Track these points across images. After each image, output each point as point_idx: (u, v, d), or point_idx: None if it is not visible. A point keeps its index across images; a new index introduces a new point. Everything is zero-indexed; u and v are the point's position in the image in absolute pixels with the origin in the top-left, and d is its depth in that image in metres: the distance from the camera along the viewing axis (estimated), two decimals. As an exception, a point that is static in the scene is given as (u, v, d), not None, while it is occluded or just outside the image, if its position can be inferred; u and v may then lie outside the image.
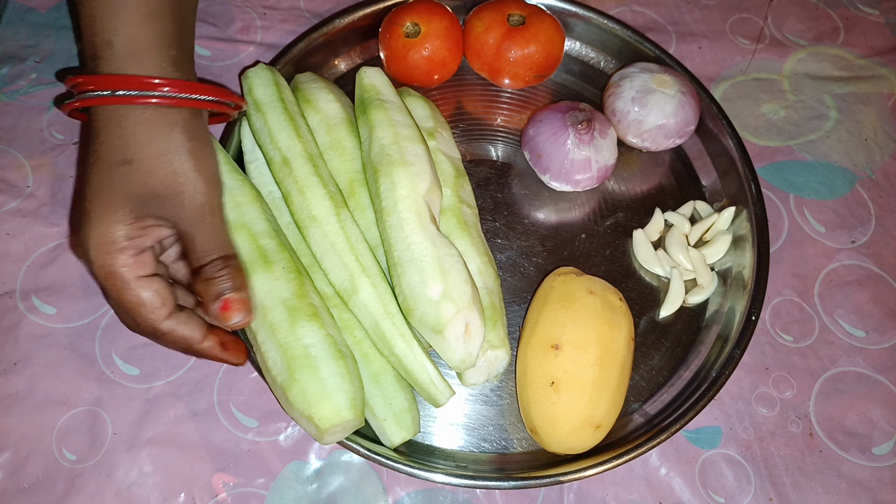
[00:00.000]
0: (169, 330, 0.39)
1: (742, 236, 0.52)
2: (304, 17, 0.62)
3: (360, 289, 0.42)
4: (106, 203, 0.38)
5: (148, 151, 0.38)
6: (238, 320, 0.39)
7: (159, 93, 0.38)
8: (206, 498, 0.44)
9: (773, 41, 0.65)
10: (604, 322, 0.44)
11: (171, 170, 0.38)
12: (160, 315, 0.38)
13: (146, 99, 0.38)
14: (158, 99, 0.38)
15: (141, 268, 0.38)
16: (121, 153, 0.38)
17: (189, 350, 0.40)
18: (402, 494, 0.45)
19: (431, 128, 0.50)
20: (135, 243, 0.38)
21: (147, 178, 0.38)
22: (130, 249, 0.38)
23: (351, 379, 0.39)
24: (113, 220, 0.37)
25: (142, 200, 0.38)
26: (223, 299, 0.38)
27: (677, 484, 0.46)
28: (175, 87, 0.39)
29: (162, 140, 0.38)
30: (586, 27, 0.59)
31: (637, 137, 0.54)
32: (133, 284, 0.38)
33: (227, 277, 0.39)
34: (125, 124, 0.38)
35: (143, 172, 0.38)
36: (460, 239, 0.46)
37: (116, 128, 0.38)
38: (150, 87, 0.38)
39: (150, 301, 0.38)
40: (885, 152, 0.60)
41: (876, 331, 0.52)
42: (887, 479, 0.47)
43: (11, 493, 0.43)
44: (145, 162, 0.38)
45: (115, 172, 0.38)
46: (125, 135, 0.38)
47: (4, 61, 0.57)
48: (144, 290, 0.38)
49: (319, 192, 0.43)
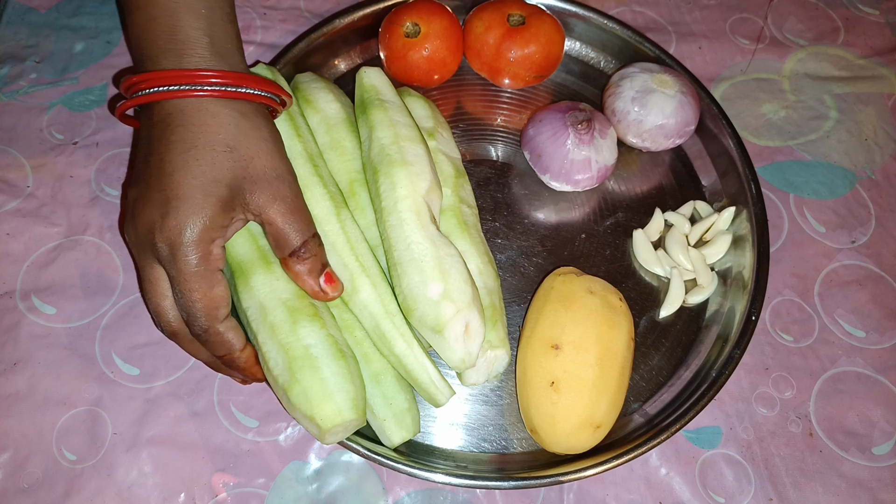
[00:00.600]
0: (223, 331, 0.39)
1: (742, 236, 0.52)
2: (304, 17, 0.62)
3: (360, 289, 0.42)
4: (206, 187, 0.38)
5: (251, 139, 0.39)
6: (339, 291, 0.41)
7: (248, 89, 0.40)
8: (206, 498, 0.44)
9: (773, 41, 0.65)
10: (604, 322, 0.44)
11: (269, 155, 0.40)
12: (223, 314, 0.39)
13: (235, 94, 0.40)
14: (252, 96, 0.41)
15: (222, 261, 0.39)
16: (225, 140, 0.39)
17: (228, 357, 0.40)
18: (402, 494, 0.45)
19: (431, 128, 0.50)
20: (225, 232, 0.39)
21: (249, 164, 0.39)
22: (220, 239, 0.38)
23: (352, 379, 0.39)
24: (210, 204, 0.37)
25: (240, 187, 0.39)
26: (325, 272, 0.41)
27: (677, 484, 0.46)
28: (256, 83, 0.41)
29: (262, 129, 0.40)
30: (586, 27, 0.59)
31: (637, 137, 0.54)
32: (216, 276, 0.38)
33: (322, 253, 0.41)
34: (225, 113, 0.39)
35: (247, 159, 0.39)
36: (460, 239, 0.46)
37: (214, 118, 0.39)
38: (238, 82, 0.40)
39: (219, 297, 0.38)
40: (885, 152, 0.60)
41: (876, 331, 0.52)
42: (887, 479, 0.47)
43: (11, 493, 0.43)
44: (249, 148, 0.39)
45: (218, 158, 0.38)
46: (227, 123, 0.39)
47: (4, 61, 0.57)
48: (219, 285, 0.38)
49: (319, 191, 0.44)
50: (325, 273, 0.41)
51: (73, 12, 0.60)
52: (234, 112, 0.39)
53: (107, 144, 0.55)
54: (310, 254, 0.40)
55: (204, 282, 0.38)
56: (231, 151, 0.39)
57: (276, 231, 0.40)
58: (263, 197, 0.39)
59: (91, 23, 0.60)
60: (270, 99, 0.42)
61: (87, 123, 0.55)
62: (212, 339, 0.39)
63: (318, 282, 0.40)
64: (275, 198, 0.39)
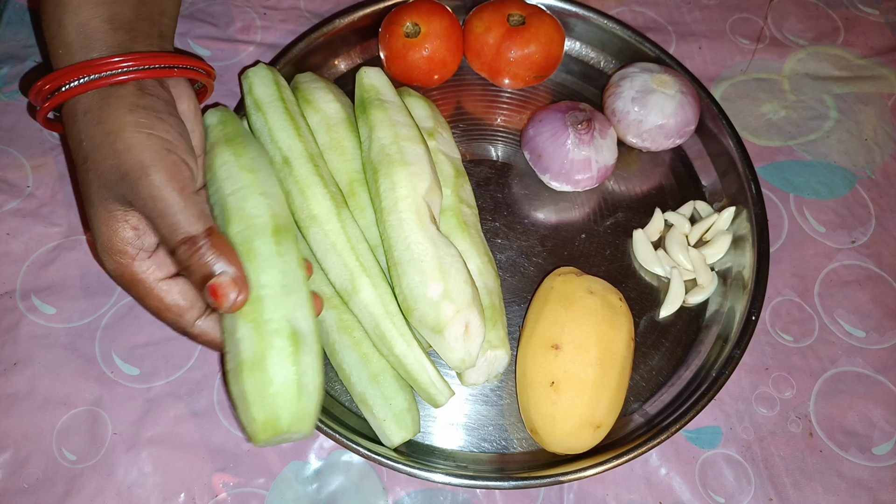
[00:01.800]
0: (200, 332, 0.38)
1: (742, 236, 0.52)
2: (304, 17, 0.62)
3: (360, 288, 0.42)
4: (90, 212, 0.36)
5: (94, 139, 0.35)
6: (230, 303, 0.34)
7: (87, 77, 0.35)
8: (206, 498, 0.44)
9: (773, 41, 0.65)
10: (604, 322, 0.44)
11: (113, 152, 0.34)
12: (190, 318, 0.37)
13: (81, 86, 0.35)
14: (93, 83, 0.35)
15: (159, 269, 0.37)
16: (79, 151, 0.36)
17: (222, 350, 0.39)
18: (402, 494, 0.45)
19: (431, 128, 0.50)
20: (137, 244, 0.36)
21: (98, 169, 0.35)
22: (141, 252, 0.36)
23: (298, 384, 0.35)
24: (109, 225, 0.36)
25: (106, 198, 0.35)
26: (209, 286, 0.34)
27: (677, 484, 0.46)
28: (106, 66, 0.35)
29: (105, 122, 0.35)
30: (586, 27, 0.59)
31: (637, 137, 0.54)
32: (155, 290, 0.36)
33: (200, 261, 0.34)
34: (75, 119, 0.36)
35: (96, 162, 0.35)
36: (460, 239, 0.46)
37: (73, 127, 0.36)
38: (78, 73, 0.35)
39: (175, 305, 0.37)
40: (885, 152, 0.60)
41: (876, 331, 0.52)
42: (887, 479, 0.47)
43: (11, 493, 0.43)
44: (96, 151, 0.35)
45: (84, 175, 0.36)
46: (79, 131, 0.36)
47: (4, 61, 0.57)
48: (168, 295, 0.37)
49: (320, 191, 0.43)
50: (208, 287, 0.34)
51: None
52: (80, 113, 0.35)
53: (107, 144, 0.55)
54: (183, 264, 0.35)
55: (148, 297, 0.37)
56: (84, 162, 0.35)
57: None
58: (125, 197, 0.35)
59: (91, 23, 0.60)
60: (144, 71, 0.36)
61: (87, 123, 0.55)
62: (195, 340, 0.39)
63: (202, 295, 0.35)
64: (134, 197, 0.35)
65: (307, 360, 0.36)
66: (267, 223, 0.39)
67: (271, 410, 0.34)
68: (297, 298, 0.37)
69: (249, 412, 0.34)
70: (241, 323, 0.35)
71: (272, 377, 0.34)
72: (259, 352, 0.35)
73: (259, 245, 0.37)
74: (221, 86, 0.57)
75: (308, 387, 0.35)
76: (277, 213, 0.40)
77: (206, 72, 0.40)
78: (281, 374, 0.34)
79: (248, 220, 0.38)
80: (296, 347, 0.35)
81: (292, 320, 0.36)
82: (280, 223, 0.39)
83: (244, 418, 0.35)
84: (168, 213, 0.34)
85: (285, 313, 0.36)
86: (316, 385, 0.36)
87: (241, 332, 0.35)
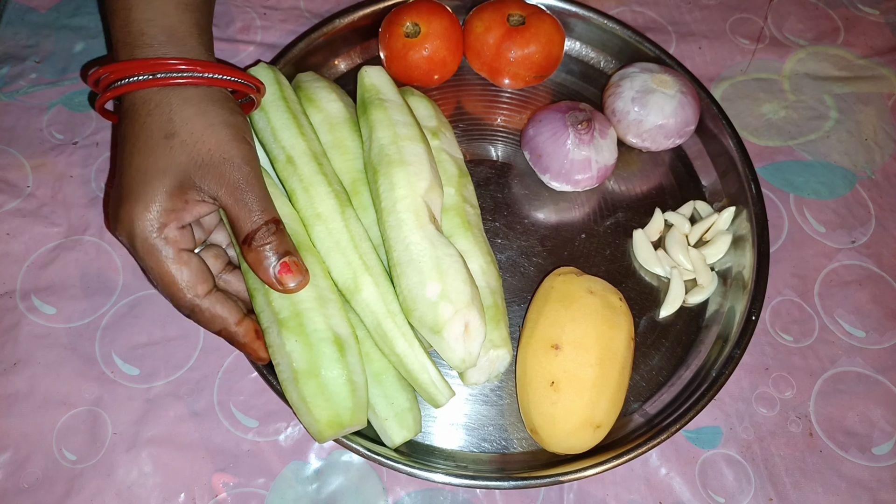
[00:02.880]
0: (207, 307, 0.39)
1: (742, 236, 0.52)
2: (304, 17, 0.62)
3: (362, 287, 0.42)
4: (148, 178, 0.38)
5: (194, 124, 0.39)
6: (298, 282, 0.39)
7: (199, 74, 0.40)
8: (206, 498, 0.44)
9: (773, 41, 0.65)
10: (604, 322, 0.44)
11: (216, 139, 0.39)
12: (200, 291, 0.39)
13: (187, 80, 0.39)
14: (198, 80, 0.40)
15: (182, 243, 0.39)
16: (164, 128, 0.39)
17: (225, 332, 0.41)
18: (402, 494, 0.45)
19: (435, 127, 0.50)
20: (176, 216, 0.39)
21: (192, 150, 0.38)
22: (173, 223, 0.38)
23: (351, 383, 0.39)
24: (155, 193, 0.38)
25: (187, 173, 0.38)
26: (282, 262, 0.39)
27: (677, 484, 0.46)
28: (213, 69, 0.40)
29: (208, 114, 0.39)
30: (586, 27, 0.59)
31: (637, 137, 0.54)
32: (175, 258, 0.38)
33: (280, 241, 0.39)
34: (167, 102, 0.39)
35: (189, 144, 0.38)
36: (463, 238, 0.46)
37: (158, 107, 0.39)
38: (191, 68, 0.39)
39: (189, 277, 0.39)
40: (885, 152, 0.60)
41: (876, 331, 0.52)
42: (887, 479, 0.47)
43: (11, 493, 0.43)
44: (192, 134, 0.39)
45: (158, 146, 0.39)
46: (169, 111, 0.39)
47: (4, 61, 0.57)
48: (185, 266, 0.39)
49: (324, 189, 0.43)
50: (281, 262, 0.39)
51: (73, 12, 0.60)
52: (177, 99, 0.39)
53: (107, 144, 0.55)
54: (262, 242, 0.39)
55: (165, 265, 0.38)
56: (170, 139, 0.39)
57: (230, 217, 0.39)
58: (212, 182, 0.38)
59: (91, 23, 0.60)
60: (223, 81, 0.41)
61: (87, 123, 0.55)
62: (200, 318, 0.40)
63: (270, 272, 0.39)
64: (223, 182, 0.38)
65: (352, 360, 0.40)
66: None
67: (333, 410, 0.38)
68: (332, 306, 0.41)
69: (313, 415, 0.38)
70: (288, 336, 0.39)
71: (327, 381, 0.38)
72: (311, 360, 0.38)
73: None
74: (221, 86, 0.57)
75: (358, 383, 0.39)
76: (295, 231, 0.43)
77: (256, 87, 0.44)
78: (334, 377, 0.38)
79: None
80: (341, 351, 0.39)
81: (333, 327, 0.40)
82: (298, 241, 0.42)
83: (306, 420, 0.39)
84: (262, 196, 0.39)
85: (327, 322, 0.40)
86: (363, 379, 0.40)
87: (290, 345, 0.39)
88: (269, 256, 0.39)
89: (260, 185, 0.40)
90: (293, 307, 0.40)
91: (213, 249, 0.43)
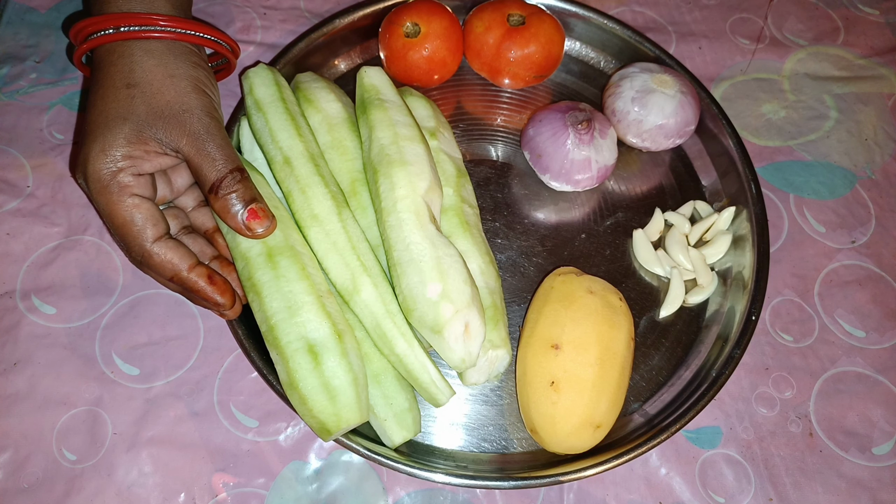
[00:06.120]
0: (157, 252, 0.40)
1: (742, 236, 0.52)
2: (304, 17, 0.62)
3: (361, 288, 0.42)
4: (108, 123, 0.39)
5: (154, 75, 0.40)
6: (266, 227, 0.40)
7: (161, 27, 0.41)
8: (206, 498, 0.44)
9: (773, 41, 0.65)
10: (604, 322, 0.44)
11: (175, 91, 0.40)
12: (150, 235, 0.40)
13: (149, 33, 0.41)
14: (161, 33, 0.41)
15: (137, 188, 0.39)
16: (125, 78, 0.40)
17: (177, 278, 0.40)
18: (402, 494, 0.45)
19: (433, 127, 0.50)
20: (134, 163, 0.39)
21: (152, 100, 0.39)
22: (130, 169, 0.39)
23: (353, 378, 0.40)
24: (113, 137, 0.39)
25: (146, 122, 0.39)
26: (249, 209, 0.40)
27: (677, 484, 0.46)
28: (177, 23, 0.41)
29: (168, 65, 0.41)
30: (586, 27, 0.59)
31: (637, 137, 0.54)
32: (128, 202, 0.39)
33: (246, 188, 0.40)
34: (129, 53, 0.41)
35: (149, 95, 0.40)
36: (462, 238, 0.46)
37: (121, 58, 0.41)
38: (153, 22, 0.41)
39: (140, 220, 0.39)
40: (885, 152, 0.60)
41: (876, 331, 0.52)
42: (887, 479, 0.47)
43: (11, 493, 0.43)
44: (151, 85, 0.40)
45: (119, 95, 0.40)
46: (131, 62, 0.40)
47: (4, 61, 0.57)
48: (137, 209, 0.39)
49: (321, 191, 0.43)
50: (248, 209, 0.40)
51: (73, 12, 0.60)
52: (139, 51, 0.41)
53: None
54: (228, 190, 0.39)
55: (118, 206, 0.39)
56: (130, 88, 0.40)
57: (193, 167, 0.40)
58: (172, 132, 0.39)
59: (91, 23, 0.60)
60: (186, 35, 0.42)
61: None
62: (150, 262, 0.40)
63: (238, 218, 0.40)
64: (183, 133, 0.39)
65: (330, 365, 0.39)
66: (261, 251, 0.41)
67: (316, 419, 0.39)
68: (306, 310, 0.40)
69: (306, 421, 0.40)
70: (272, 350, 0.41)
71: (305, 394, 0.39)
72: (289, 373, 0.39)
73: (260, 276, 0.41)
74: (222, 86, 0.57)
75: (338, 387, 0.39)
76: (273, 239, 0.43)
77: (230, 47, 0.45)
78: (310, 388, 0.39)
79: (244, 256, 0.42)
80: (315, 360, 0.39)
81: (307, 335, 0.40)
82: (275, 244, 0.42)
83: (307, 424, 0.41)
84: (223, 145, 0.40)
85: (298, 332, 0.40)
86: (347, 380, 0.39)
87: (274, 356, 0.40)
88: (236, 204, 0.40)
89: (221, 134, 0.41)
90: (266, 321, 0.40)
91: (173, 210, 0.44)
